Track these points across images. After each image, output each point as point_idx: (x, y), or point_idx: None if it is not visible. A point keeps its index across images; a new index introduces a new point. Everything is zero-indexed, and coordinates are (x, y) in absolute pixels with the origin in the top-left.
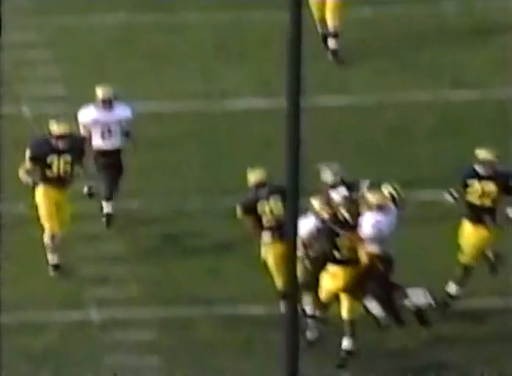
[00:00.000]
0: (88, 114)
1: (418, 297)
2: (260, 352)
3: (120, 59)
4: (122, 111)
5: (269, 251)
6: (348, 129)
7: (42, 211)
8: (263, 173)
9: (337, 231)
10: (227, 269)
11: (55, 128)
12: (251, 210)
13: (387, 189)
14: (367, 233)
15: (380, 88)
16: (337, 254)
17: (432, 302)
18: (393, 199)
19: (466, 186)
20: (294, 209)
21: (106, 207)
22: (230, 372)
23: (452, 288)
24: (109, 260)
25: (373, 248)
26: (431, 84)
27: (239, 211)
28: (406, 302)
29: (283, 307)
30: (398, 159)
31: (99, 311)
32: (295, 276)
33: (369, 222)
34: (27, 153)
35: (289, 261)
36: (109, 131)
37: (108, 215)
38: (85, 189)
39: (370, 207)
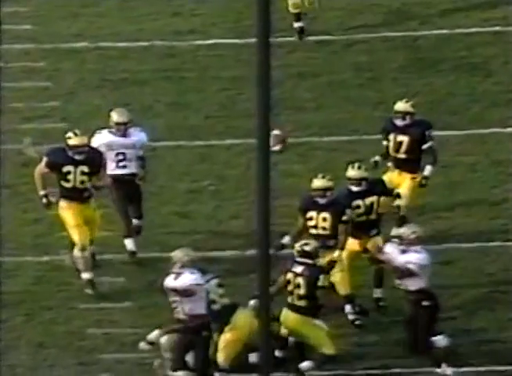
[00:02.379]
0: (101, 138)
1: None
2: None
3: None
4: (137, 136)
5: None
6: (317, 67)
7: (68, 224)
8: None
9: None
10: (198, 212)
11: (73, 139)
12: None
13: None
14: None
15: (349, 26)
16: None
17: None
18: None
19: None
20: (265, 149)
21: (129, 245)
22: None
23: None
24: None
25: None
26: (400, 21)
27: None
28: None
29: (253, 250)
30: (367, 96)
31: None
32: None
33: None
34: (44, 160)
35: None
36: (124, 155)
37: (132, 253)
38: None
39: None
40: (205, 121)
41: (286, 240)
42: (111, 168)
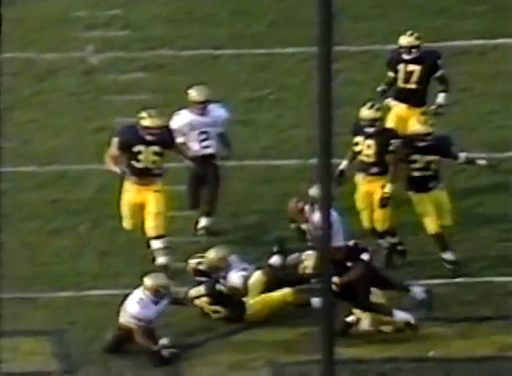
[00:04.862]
0: (182, 118)
1: None
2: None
3: None
4: (217, 112)
5: None
6: None
7: (123, 208)
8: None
9: None
10: (259, 121)
11: (146, 120)
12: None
13: None
14: None
15: None
16: None
17: None
18: None
19: None
20: (327, 57)
21: (203, 222)
22: (264, 226)
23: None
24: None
25: None
26: None
27: None
28: None
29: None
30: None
31: None
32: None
33: None
34: (115, 139)
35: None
36: (207, 134)
37: (206, 228)
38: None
39: None
40: (267, 29)
41: (343, 165)
42: (195, 149)
